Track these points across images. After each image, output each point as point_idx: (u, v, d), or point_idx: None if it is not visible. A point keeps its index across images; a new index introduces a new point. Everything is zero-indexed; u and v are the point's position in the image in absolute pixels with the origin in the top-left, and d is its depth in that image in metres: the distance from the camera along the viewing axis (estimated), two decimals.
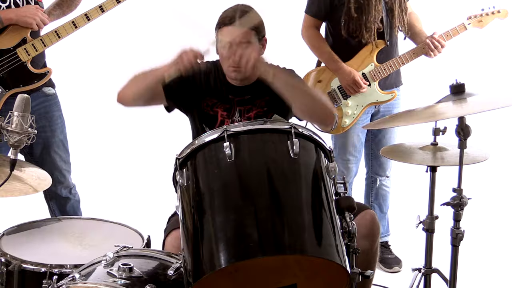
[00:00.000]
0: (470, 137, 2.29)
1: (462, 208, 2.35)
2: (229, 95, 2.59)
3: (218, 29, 2.50)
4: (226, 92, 2.60)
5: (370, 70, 3.33)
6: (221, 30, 2.48)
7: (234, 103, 2.59)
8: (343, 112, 3.35)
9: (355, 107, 3.36)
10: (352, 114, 3.35)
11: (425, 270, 2.62)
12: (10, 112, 1.93)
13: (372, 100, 3.37)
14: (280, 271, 1.91)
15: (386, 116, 3.27)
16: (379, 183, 3.60)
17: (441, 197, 2.44)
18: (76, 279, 1.90)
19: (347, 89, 3.33)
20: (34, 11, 2.91)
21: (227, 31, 2.46)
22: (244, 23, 2.46)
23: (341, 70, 3.30)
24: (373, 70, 3.33)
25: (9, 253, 2.23)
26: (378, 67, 3.33)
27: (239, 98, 2.59)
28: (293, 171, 1.88)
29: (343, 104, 3.35)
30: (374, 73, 3.34)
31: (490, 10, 3.40)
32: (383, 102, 3.39)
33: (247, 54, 2.43)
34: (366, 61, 3.33)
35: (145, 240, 2.41)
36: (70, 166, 3.22)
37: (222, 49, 2.48)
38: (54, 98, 3.11)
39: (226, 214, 1.81)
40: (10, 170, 1.96)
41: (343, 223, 1.90)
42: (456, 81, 2.33)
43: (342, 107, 3.35)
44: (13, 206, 3.50)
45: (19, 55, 2.92)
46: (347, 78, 3.30)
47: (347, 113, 3.35)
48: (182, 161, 1.95)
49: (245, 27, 2.46)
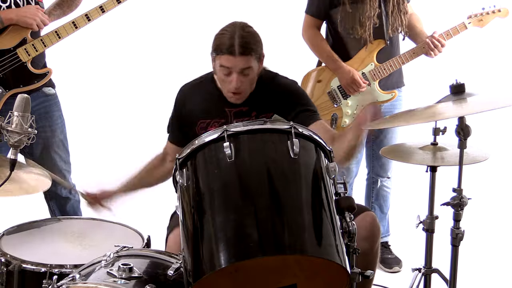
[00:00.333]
0: (470, 137, 2.29)
1: (462, 208, 2.35)
2: (225, 108, 2.57)
3: (216, 54, 2.47)
4: (220, 106, 2.58)
5: (370, 69, 3.33)
6: (220, 57, 2.45)
7: (231, 115, 2.57)
8: (343, 112, 3.35)
9: (355, 107, 3.36)
10: (352, 113, 3.35)
11: (425, 270, 2.62)
12: (10, 112, 1.93)
13: (372, 99, 3.37)
14: (280, 271, 1.91)
15: (386, 116, 3.28)
16: (380, 184, 3.60)
17: (441, 197, 2.44)
18: (76, 279, 1.90)
19: (346, 88, 3.33)
20: (35, 12, 2.91)
21: (228, 59, 2.43)
22: (245, 52, 2.43)
23: (341, 69, 3.30)
24: (373, 69, 3.33)
25: (9, 253, 2.23)
26: (378, 67, 3.33)
27: (237, 110, 2.57)
28: (293, 171, 1.88)
29: (343, 103, 3.35)
30: (374, 73, 3.34)
31: (491, 9, 3.39)
32: (383, 102, 3.39)
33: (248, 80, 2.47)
34: (366, 61, 3.33)
35: (145, 240, 2.41)
36: (70, 166, 3.22)
37: (222, 74, 2.48)
38: (54, 98, 3.11)
39: (226, 214, 1.81)
40: (10, 170, 1.96)
41: (343, 223, 1.90)
42: (456, 81, 2.33)
43: (342, 107, 3.35)
44: (13, 206, 3.50)
45: (19, 55, 2.92)
46: (347, 77, 3.30)
47: (347, 112, 3.35)
48: (182, 161, 1.95)
49: (245, 55, 2.43)
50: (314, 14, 3.34)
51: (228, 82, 2.47)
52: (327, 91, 3.35)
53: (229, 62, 2.43)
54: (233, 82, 2.45)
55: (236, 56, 2.41)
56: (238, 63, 2.42)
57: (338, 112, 3.33)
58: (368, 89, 3.34)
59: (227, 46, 2.42)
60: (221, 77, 2.49)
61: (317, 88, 3.35)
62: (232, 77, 2.44)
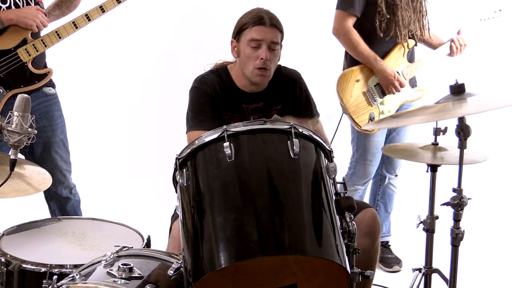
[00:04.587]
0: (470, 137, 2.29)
1: (462, 208, 2.35)
2: (242, 104, 2.62)
3: (246, 29, 2.57)
4: (238, 101, 2.62)
5: (403, 68, 3.36)
6: (250, 29, 2.55)
7: (248, 111, 2.62)
8: (379, 111, 3.35)
9: (391, 105, 3.37)
10: (387, 112, 3.37)
11: (426, 270, 2.62)
12: (10, 112, 1.93)
13: (405, 98, 3.41)
14: (280, 271, 1.91)
15: (387, 116, 3.28)
16: (387, 181, 3.62)
17: (441, 197, 2.44)
18: (76, 279, 1.90)
19: (386, 88, 3.32)
20: (35, 13, 2.91)
21: (259, 30, 2.55)
22: (275, 25, 2.57)
23: (384, 69, 3.28)
24: (406, 68, 3.37)
25: (9, 253, 2.23)
26: (409, 66, 3.37)
27: (253, 106, 2.62)
28: (293, 171, 1.88)
29: (379, 102, 3.35)
30: (407, 72, 3.38)
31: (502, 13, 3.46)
32: (415, 99, 3.44)
33: (273, 59, 2.57)
34: (400, 60, 3.36)
35: (145, 240, 2.41)
36: (71, 166, 3.22)
37: (250, 49, 2.55)
38: (54, 98, 3.11)
39: (226, 214, 1.81)
40: (10, 170, 1.96)
41: (343, 223, 1.90)
42: (456, 81, 2.33)
43: (378, 106, 3.35)
44: (13, 206, 3.50)
45: (19, 56, 2.92)
46: (390, 77, 3.29)
47: (383, 111, 3.36)
48: (182, 161, 1.95)
49: (275, 28, 2.57)
50: (350, 10, 3.24)
51: (255, 57, 2.55)
52: (365, 90, 3.33)
53: (260, 33, 2.54)
54: (262, 54, 2.54)
55: (267, 26, 2.54)
56: (268, 35, 2.54)
57: (375, 111, 3.33)
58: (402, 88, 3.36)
59: (257, 18, 2.56)
60: (248, 53, 2.56)
61: (356, 87, 3.31)
62: (261, 50, 2.54)
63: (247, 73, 2.60)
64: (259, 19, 2.56)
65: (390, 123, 2.73)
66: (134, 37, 4.60)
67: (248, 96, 2.66)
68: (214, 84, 2.64)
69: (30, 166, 2.27)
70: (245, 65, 2.60)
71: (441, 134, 2.52)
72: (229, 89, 2.65)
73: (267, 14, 2.59)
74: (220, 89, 2.64)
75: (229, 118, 2.63)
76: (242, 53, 2.59)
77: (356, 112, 3.30)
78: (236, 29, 2.63)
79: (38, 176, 2.23)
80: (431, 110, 2.27)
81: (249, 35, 2.56)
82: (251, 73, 2.58)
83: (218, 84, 2.65)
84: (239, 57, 2.63)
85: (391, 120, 2.65)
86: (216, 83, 2.65)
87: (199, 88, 2.64)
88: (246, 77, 2.62)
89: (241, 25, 2.60)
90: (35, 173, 2.24)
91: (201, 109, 2.62)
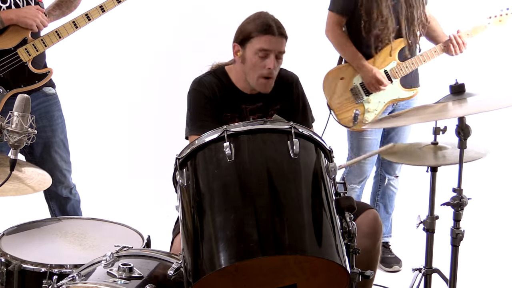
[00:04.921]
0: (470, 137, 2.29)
1: (462, 208, 2.35)
2: (241, 104, 2.61)
3: (253, 37, 2.54)
4: (237, 102, 2.62)
5: (392, 67, 3.36)
6: (259, 38, 2.53)
7: (247, 112, 2.61)
8: (365, 108, 3.37)
9: (377, 104, 3.38)
10: (373, 110, 3.37)
11: (426, 270, 2.62)
12: (10, 112, 1.93)
13: (394, 97, 3.41)
14: (280, 271, 1.91)
15: (386, 115, 3.29)
16: (387, 182, 3.63)
17: (441, 197, 2.44)
18: (76, 279, 1.90)
19: (369, 86, 3.35)
20: (35, 13, 2.91)
21: (268, 40, 2.52)
22: (282, 34, 2.55)
23: (364, 67, 3.33)
24: (395, 67, 3.37)
25: (9, 253, 2.23)
26: (400, 65, 3.37)
27: (252, 107, 2.61)
28: (293, 171, 1.88)
29: (365, 100, 3.37)
30: (396, 71, 3.37)
31: (509, 11, 3.45)
32: (405, 99, 3.43)
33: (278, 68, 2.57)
34: (388, 59, 3.36)
35: (145, 240, 2.41)
36: (71, 166, 3.22)
37: (257, 58, 2.54)
38: (54, 98, 3.11)
39: (226, 214, 1.81)
40: (10, 170, 1.96)
41: (343, 223, 1.90)
42: (456, 81, 2.33)
43: (364, 104, 3.37)
44: (13, 206, 3.50)
45: (19, 56, 2.92)
46: (369, 75, 3.32)
47: (369, 109, 3.37)
48: (182, 161, 1.95)
49: (282, 37, 2.55)
50: (339, 11, 3.33)
51: (262, 66, 2.54)
52: (349, 88, 3.37)
53: (270, 44, 2.52)
54: (270, 63, 2.53)
55: (276, 36, 2.52)
56: (277, 45, 2.53)
57: (360, 108, 3.35)
58: (390, 87, 3.37)
59: (266, 27, 2.52)
60: (255, 61, 2.55)
61: (340, 85, 3.38)
62: (269, 59, 2.53)
63: (250, 81, 2.60)
64: (267, 27, 2.52)
65: (390, 123, 2.73)
66: (134, 37, 4.60)
67: (247, 96, 2.66)
68: (213, 86, 2.64)
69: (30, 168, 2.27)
70: (250, 72, 2.59)
71: (441, 133, 2.51)
72: (228, 90, 2.65)
73: (274, 22, 2.55)
74: (218, 90, 2.64)
75: (229, 118, 2.63)
76: (249, 61, 2.57)
77: (340, 109, 3.36)
78: (241, 35, 2.59)
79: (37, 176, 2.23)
80: (431, 110, 2.27)
81: (258, 44, 2.53)
82: (255, 80, 2.58)
83: (216, 86, 2.64)
84: (243, 63, 2.60)
85: (390, 120, 2.66)
86: (214, 84, 2.64)
87: (198, 91, 2.64)
88: (247, 82, 2.62)
89: (247, 32, 2.56)
90: (34, 174, 2.24)
91: (201, 112, 2.62)
